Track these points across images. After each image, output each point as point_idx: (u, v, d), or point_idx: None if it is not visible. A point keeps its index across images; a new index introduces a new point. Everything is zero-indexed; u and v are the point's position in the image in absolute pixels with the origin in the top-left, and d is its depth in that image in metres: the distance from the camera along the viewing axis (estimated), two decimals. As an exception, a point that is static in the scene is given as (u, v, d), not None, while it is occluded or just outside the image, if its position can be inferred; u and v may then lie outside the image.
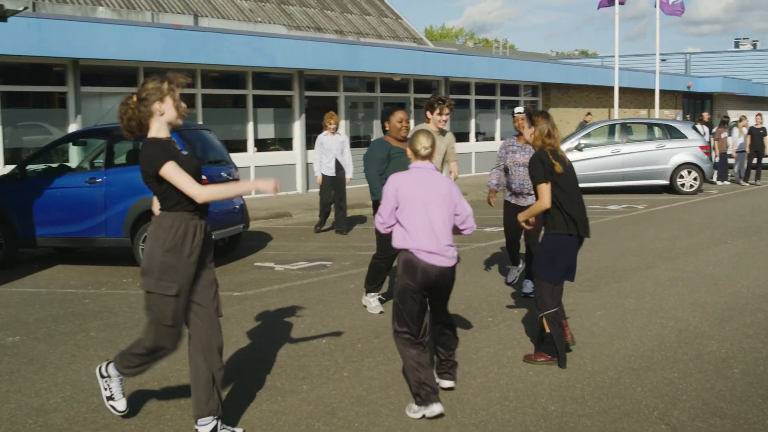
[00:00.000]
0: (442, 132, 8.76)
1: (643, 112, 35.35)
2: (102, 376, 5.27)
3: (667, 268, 10.40)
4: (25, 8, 9.23)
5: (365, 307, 8.40)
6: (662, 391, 5.78)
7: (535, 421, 5.25)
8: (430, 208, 5.43)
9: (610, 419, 5.27)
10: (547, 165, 6.37)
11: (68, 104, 16.52)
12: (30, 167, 11.75)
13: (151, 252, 4.85)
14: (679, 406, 5.48)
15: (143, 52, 16.80)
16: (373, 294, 8.40)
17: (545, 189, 6.37)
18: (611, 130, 21.46)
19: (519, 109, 8.66)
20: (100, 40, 16.00)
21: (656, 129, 21.61)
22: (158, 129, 4.99)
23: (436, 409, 5.27)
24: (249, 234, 13.42)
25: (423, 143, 5.58)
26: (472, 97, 27.07)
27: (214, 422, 4.98)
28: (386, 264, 8.19)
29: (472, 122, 27.16)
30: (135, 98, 4.97)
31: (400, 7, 31.47)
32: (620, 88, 28.73)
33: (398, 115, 8.11)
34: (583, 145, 20.72)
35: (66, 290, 9.69)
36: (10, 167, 13.91)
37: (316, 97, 21.75)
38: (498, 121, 28.41)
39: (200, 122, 18.08)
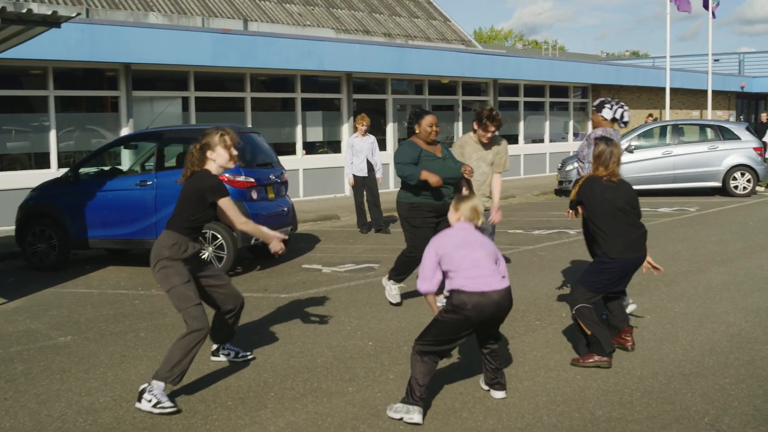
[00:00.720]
0: (495, 141, 8.75)
1: (696, 113, 34.82)
2: (141, 394, 5.60)
3: (719, 271, 10.22)
4: (78, 14, 9.39)
5: (384, 287, 8.63)
6: (713, 396, 5.69)
7: (582, 425, 5.20)
8: (475, 252, 5.46)
9: (659, 425, 5.19)
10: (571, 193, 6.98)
11: (120, 108, 16.78)
12: (83, 170, 11.95)
13: (154, 266, 5.83)
14: (731, 412, 5.39)
15: (193, 57, 17.00)
16: (394, 283, 8.57)
17: None
18: (662, 131, 21.14)
19: (595, 102, 8.29)
20: (152, 45, 16.23)
21: (708, 130, 21.25)
22: (212, 169, 5.94)
23: (416, 417, 5.26)
24: (297, 236, 13.50)
25: (478, 211, 5.67)
26: (521, 99, 26.91)
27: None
28: (416, 261, 8.20)
29: (521, 124, 27.00)
30: (198, 146, 5.92)
31: (448, 10, 31.46)
32: (672, 89, 28.32)
33: (429, 119, 8.18)
34: (633, 147, 20.46)
35: (117, 291, 9.84)
36: (64, 170, 14.17)
37: (364, 100, 21.81)
38: (547, 123, 28.20)
39: (249, 125, 18.24)
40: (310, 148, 20.63)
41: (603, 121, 7.98)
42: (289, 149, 19.98)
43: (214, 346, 6.72)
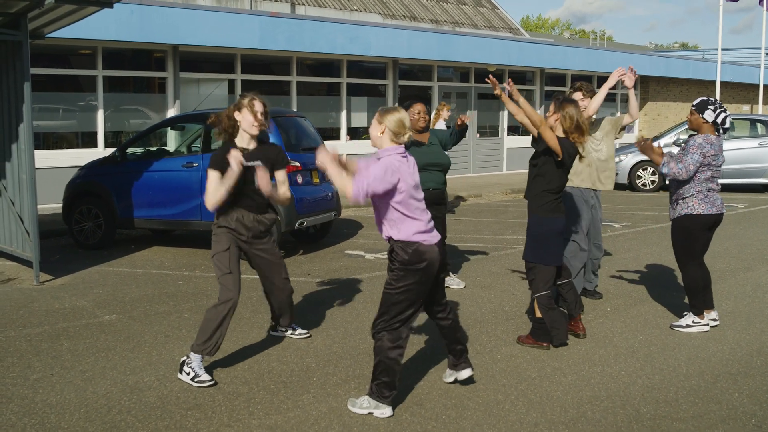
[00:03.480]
0: (595, 122, 8.71)
1: (746, 108, 34.24)
2: (182, 366, 5.86)
3: (767, 270, 10.04)
4: (130, -5, 9.45)
5: (448, 286, 8.63)
6: (761, 397, 5.58)
7: (626, 422, 5.13)
8: (420, 192, 5.26)
9: (705, 425, 5.11)
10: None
11: (167, 89, 16.89)
12: (130, 150, 12.05)
13: (212, 230, 6.18)
14: (779, 414, 5.29)
15: (241, 40, 17.05)
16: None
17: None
18: (711, 125, 20.73)
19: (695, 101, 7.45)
20: (200, 26, 16.31)
21: (759, 125, 20.85)
22: (240, 138, 6.22)
23: (387, 412, 5.20)
24: (340, 221, 13.51)
25: (405, 124, 5.18)
26: (568, 89, 26.59)
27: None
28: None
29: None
30: (231, 108, 6.20)
31: (496, -3, 31.01)
32: (722, 83, 27.83)
33: (416, 107, 8.51)
34: (681, 141, 20.16)
35: (161, 271, 9.92)
36: (111, 149, 14.30)
37: (409, 86, 21.73)
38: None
39: (294, 109, 18.27)
40: (354, 133, 20.62)
41: (704, 123, 7.24)
42: (334, 134, 20.00)
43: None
